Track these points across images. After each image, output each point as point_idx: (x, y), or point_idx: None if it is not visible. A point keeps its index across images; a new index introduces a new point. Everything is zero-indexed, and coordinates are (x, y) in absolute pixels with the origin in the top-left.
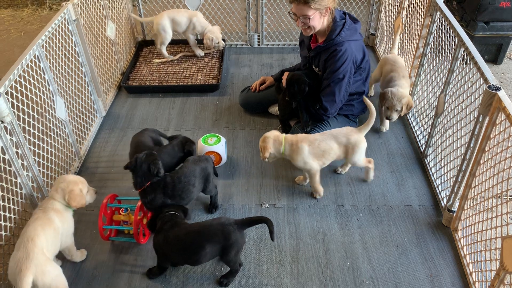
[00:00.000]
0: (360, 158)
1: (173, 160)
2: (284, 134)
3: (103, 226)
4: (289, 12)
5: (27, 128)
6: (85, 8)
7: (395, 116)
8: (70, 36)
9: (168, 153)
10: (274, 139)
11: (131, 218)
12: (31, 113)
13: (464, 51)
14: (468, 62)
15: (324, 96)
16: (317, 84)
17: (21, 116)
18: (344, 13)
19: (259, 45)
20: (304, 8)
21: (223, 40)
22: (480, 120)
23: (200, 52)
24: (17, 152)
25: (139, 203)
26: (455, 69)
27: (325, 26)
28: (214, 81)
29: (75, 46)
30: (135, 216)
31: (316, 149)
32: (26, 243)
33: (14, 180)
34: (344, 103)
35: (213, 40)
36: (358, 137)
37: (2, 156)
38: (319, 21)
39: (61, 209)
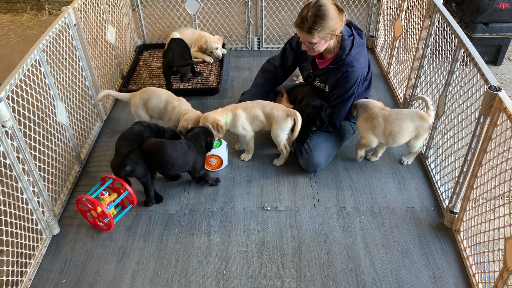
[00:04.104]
0: (280, 135)
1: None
2: (220, 108)
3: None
4: (295, 34)
5: (27, 132)
6: (85, 12)
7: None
8: (71, 41)
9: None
10: (213, 114)
11: (114, 195)
12: (32, 117)
13: (464, 52)
14: (468, 63)
15: (334, 114)
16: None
17: (22, 120)
18: (349, 25)
19: (258, 48)
20: (308, 36)
21: (223, 44)
22: (481, 121)
23: (210, 59)
24: (18, 157)
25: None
26: (455, 70)
27: (332, 46)
28: (214, 84)
29: (76, 51)
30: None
31: (248, 115)
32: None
33: (15, 184)
34: None
35: (207, 46)
36: (282, 113)
37: (3, 161)
38: (324, 45)
39: None
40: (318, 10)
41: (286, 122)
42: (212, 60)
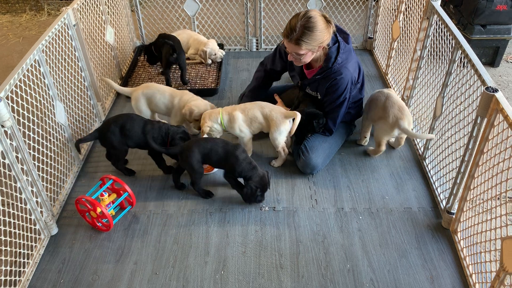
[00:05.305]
0: (279, 137)
1: None
2: (220, 108)
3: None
4: (282, 43)
5: (27, 132)
6: (85, 13)
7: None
8: (70, 41)
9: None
10: (210, 113)
11: (113, 195)
12: (31, 117)
13: (461, 53)
14: (465, 65)
15: (329, 120)
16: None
17: (21, 120)
18: (333, 31)
19: (257, 49)
20: (296, 47)
21: (221, 45)
22: (478, 122)
23: (208, 61)
24: (16, 157)
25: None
26: (452, 72)
27: (318, 55)
28: (213, 85)
29: (75, 51)
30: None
31: (246, 117)
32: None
33: (13, 184)
34: None
35: (207, 53)
36: (281, 115)
37: (2, 160)
38: (311, 57)
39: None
40: (307, 22)
41: (284, 124)
42: (210, 61)
